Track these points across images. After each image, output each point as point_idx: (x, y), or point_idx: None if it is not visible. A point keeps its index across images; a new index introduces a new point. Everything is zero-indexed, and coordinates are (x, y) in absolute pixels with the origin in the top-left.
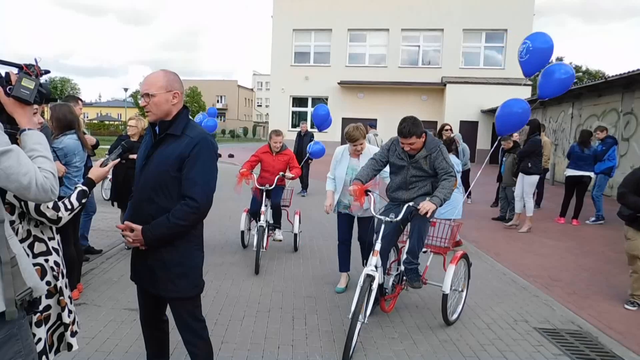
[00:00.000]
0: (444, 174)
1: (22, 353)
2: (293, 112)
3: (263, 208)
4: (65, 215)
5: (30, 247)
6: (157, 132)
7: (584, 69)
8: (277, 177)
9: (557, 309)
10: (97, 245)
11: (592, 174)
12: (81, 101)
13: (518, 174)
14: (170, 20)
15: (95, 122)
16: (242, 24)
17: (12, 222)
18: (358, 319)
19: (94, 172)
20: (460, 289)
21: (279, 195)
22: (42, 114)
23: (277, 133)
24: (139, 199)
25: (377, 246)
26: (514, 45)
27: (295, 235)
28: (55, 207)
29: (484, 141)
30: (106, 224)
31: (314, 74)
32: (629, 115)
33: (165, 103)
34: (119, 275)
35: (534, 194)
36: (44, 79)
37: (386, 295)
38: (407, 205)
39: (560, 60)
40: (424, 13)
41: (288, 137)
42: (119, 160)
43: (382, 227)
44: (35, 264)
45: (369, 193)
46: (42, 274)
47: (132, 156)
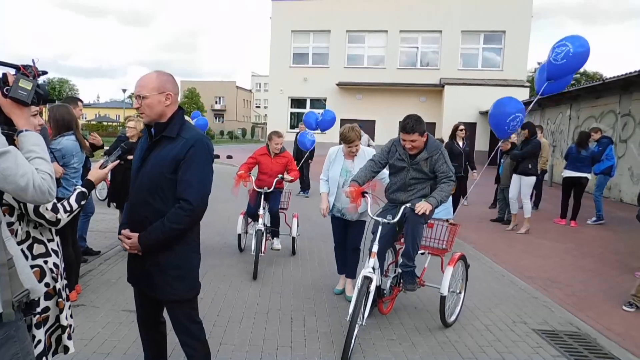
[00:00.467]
0: (443, 177)
1: (19, 355)
2: (291, 114)
3: (261, 211)
4: (64, 217)
5: (30, 248)
6: (153, 134)
7: (582, 70)
8: (276, 179)
9: (556, 310)
10: (95, 246)
11: (589, 175)
12: (81, 102)
13: (513, 175)
14: (170, 22)
15: (94, 122)
16: (241, 25)
17: (11, 223)
18: (357, 321)
19: (94, 174)
20: (458, 291)
21: (277, 201)
22: (41, 115)
23: (277, 134)
24: (134, 201)
25: (374, 248)
26: (512, 47)
27: (293, 239)
28: (54, 209)
29: (482, 143)
30: (104, 226)
31: (313, 75)
32: (627, 117)
33: (158, 104)
34: (117, 277)
35: (532, 195)
36: (42, 79)
37: (384, 297)
38: (403, 206)
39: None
40: (423, 14)
41: (287, 138)
42: (118, 162)
43: (380, 228)
44: (34, 266)
45: (365, 195)
46: (41, 275)
47: (130, 157)
